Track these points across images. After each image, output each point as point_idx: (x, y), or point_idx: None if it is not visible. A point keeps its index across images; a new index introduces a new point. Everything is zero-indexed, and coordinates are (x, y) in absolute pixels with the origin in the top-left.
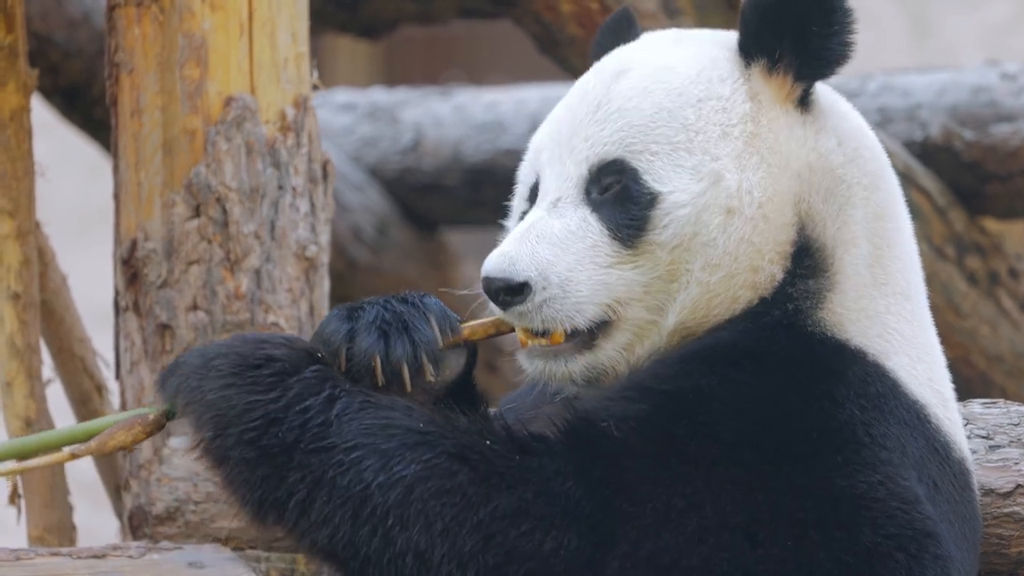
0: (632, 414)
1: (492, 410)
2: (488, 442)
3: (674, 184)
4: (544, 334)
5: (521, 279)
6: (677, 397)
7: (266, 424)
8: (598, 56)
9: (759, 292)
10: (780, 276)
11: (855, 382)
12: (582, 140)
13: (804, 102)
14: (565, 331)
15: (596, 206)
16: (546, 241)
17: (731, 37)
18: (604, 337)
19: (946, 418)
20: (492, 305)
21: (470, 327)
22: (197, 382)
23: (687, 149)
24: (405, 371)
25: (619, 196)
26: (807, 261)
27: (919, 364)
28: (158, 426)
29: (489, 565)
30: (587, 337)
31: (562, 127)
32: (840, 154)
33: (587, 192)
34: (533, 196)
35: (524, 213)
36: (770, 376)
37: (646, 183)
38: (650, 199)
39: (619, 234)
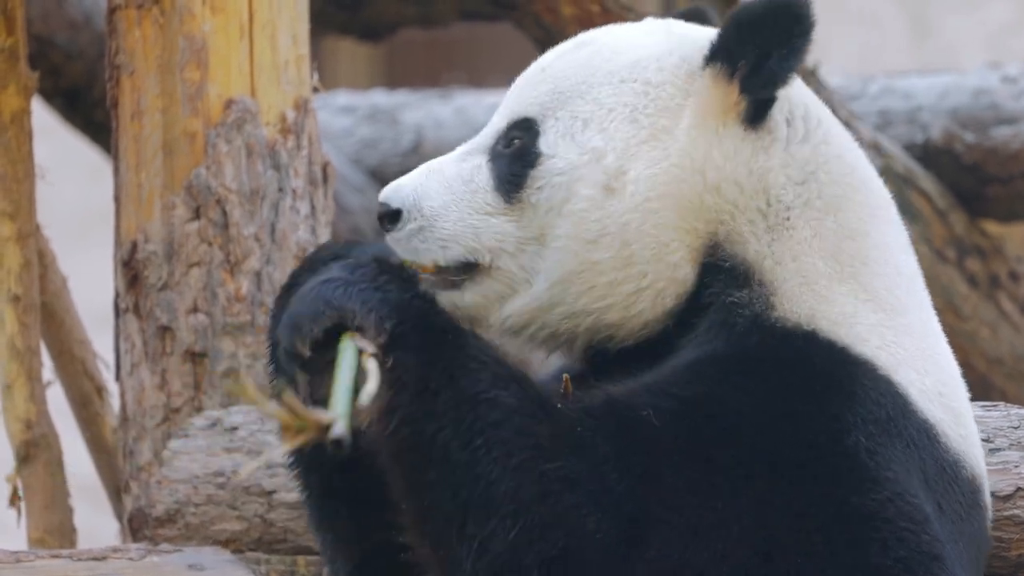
0: (664, 408)
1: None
2: (559, 404)
3: (558, 150)
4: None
5: (396, 205)
6: (698, 403)
7: (427, 312)
8: None
9: (683, 289)
10: (693, 276)
11: (865, 402)
12: (516, 96)
13: (754, 120)
14: (431, 266)
15: (494, 156)
16: (436, 178)
17: (710, 38)
18: (471, 280)
19: (957, 436)
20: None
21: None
22: (361, 286)
23: (585, 122)
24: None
25: (516, 152)
26: (728, 274)
27: (927, 378)
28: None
29: (539, 522)
30: (453, 274)
31: (515, 85)
32: (782, 176)
33: (496, 143)
34: None
35: None
36: (781, 387)
37: (538, 145)
38: (534, 159)
39: (501, 187)
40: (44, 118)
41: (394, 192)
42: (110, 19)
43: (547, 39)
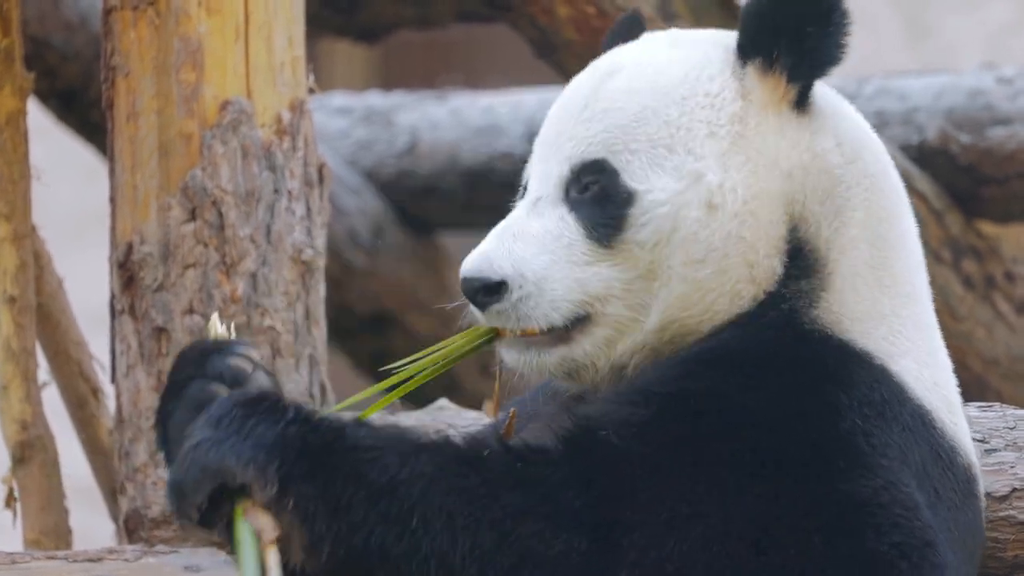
0: (635, 419)
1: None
2: (486, 452)
3: (652, 183)
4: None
5: (498, 277)
6: (681, 400)
7: (304, 435)
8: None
9: (762, 287)
10: (780, 270)
11: (860, 387)
12: (567, 139)
13: (801, 103)
14: (549, 326)
15: (574, 205)
16: (522, 240)
17: (730, 37)
18: (580, 332)
19: (952, 423)
20: (472, 308)
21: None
22: (231, 441)
23: (668, 147)
24: (252, 352)
25: (597, 196)
26: (800, 261)
27: (925, 368)
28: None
29: (506, 567)
30: (563, 332)
31: (551, 127)
32: (839, 155)
33: (567, 191)
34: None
35: None
36: (773, 379)
37: (624, 182)
38: (627, 198)
39: (595, 233)
40: (40, 119)
41: (487, 264)
42: (106, 20)
43: (543, 40)
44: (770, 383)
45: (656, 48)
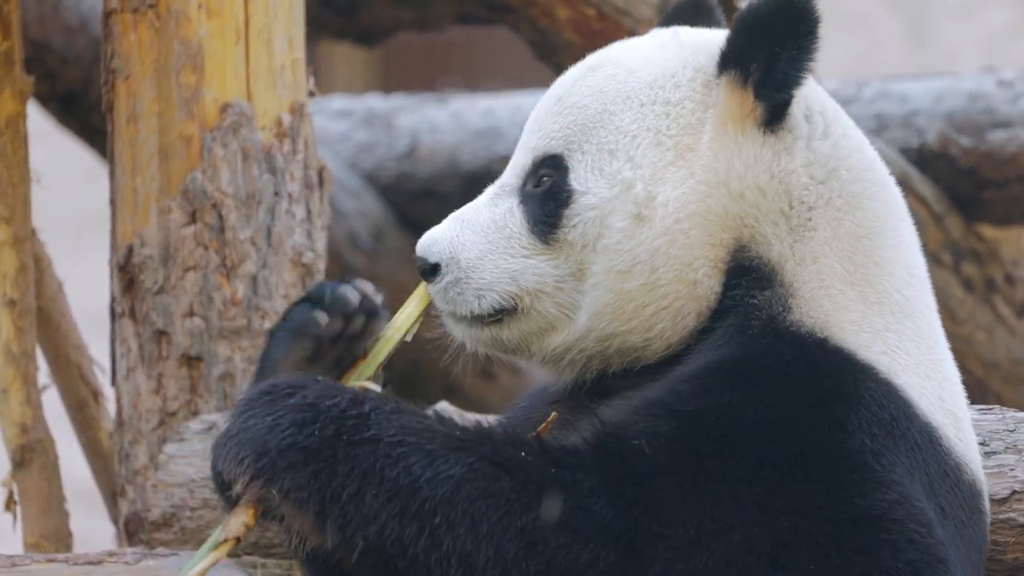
0: (661, 431)
1: (488, 417)
2: (523, 453)
3: (589, 185)
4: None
5: (433, 260)
6: (701, 416)
7: (300, 424)
8: None
9: (705, 304)
10: (718, 289)
11: (870, 406)
12: (537, 131)
13: (772, 122)
14: (470, 312)
15: (525, 198)
16: (469, 227)
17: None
18: (509, 322)
19: (958, 439)
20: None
21: (405, 315)
22: (232, 440)
23: (612, 152)
24: (368, 290)
25: (547, 191)
26: (754, 274)
27: (928, 382)
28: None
29: (531, 574)
30: (489, 320)
31: (533, 115)
32: (805, 175)
33: (524, 183)
34: None
35: None
36: (786, 394)
37: (569, 181)
38: (566, 197)
39: (535, 228)
40: (40, 122)
41: (430, 246)
42: (106, 23)
43: (543, 42)
44: (784, 400)
45: (642, 48)
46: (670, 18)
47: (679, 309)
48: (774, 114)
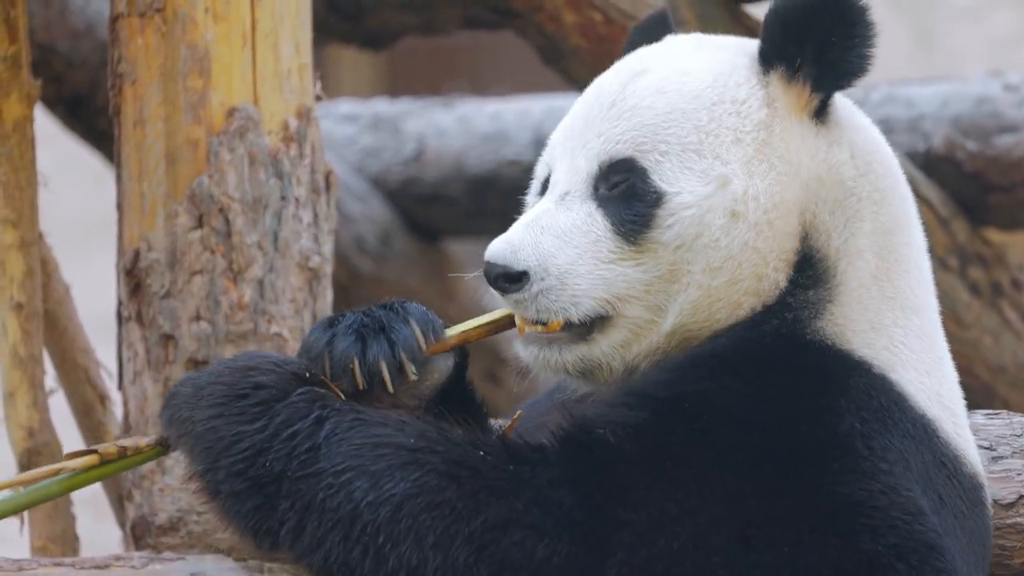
0: (630, 421)
1: (497, 421)
2: (482, 452)
3: (681, 185)
4: (541, 323)
5: (521, 267)
6: (675, 403)
7: (253, 455)
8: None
9: (762, 299)
10: (784, 284)
11: (857, 394)
12: (595, 136)
13: (820, 113)
14: (561, 323)
15: (602, 202)
16: (550, 232)
17: (753, 44)
18: (600, 332)
19: (956, 434)
20: (491, 290)
21: (461, 331)
22: (188, 412)
23: (697, 151)
24: (384, 370)
25: (626, 193)
26: (809, 271)
27: (927, 378)
28: (156, 454)
29: None
30: (583, 330)
31: (577, 122)
32: (852, 167)
33: (595, 188)
34: (544, 189)
35: None
36: (769, 384)
37: (653, 182)
38: (656, 198)
39: (622, 230)
40: (47, 126)
41: (511, 252)
42: (112, 27)
43: (549, 47)
44: (765, 387)
45: (683, 51)
46: (637, 36)
47: (740, 303)
48: (822, 105)
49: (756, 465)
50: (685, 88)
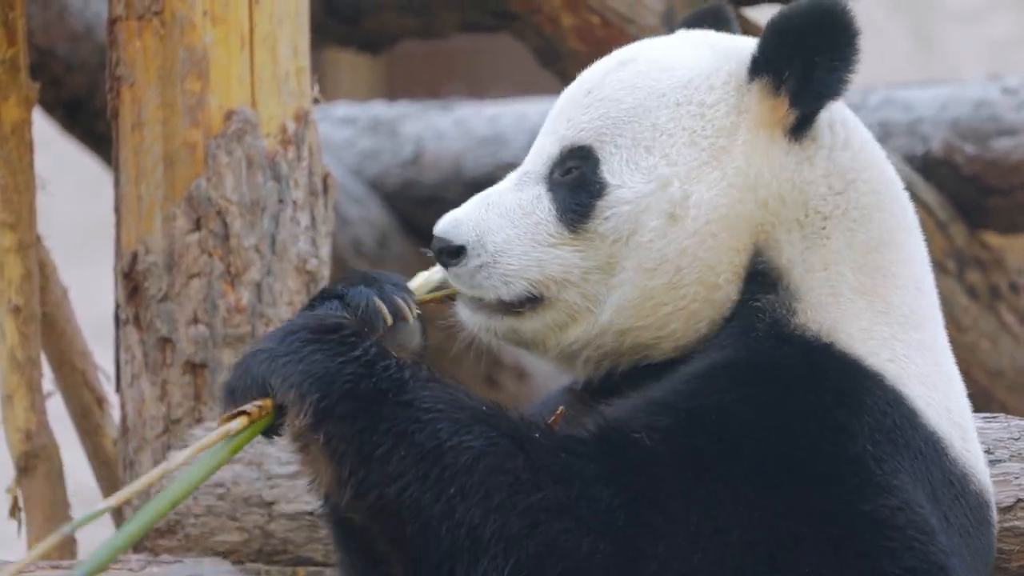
0: (659, 426)
1: None
2: (537, 435)
3: (624, 179)
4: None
5: (459, 242)
6: (700, 415)
7: (359, 377)
8: None
9: (720, 311)
10: (735, 296)
11: (873, 412)
12: (565, 120)
13: (798, 129)
14: (494, 300)
15: (553, 186)
16: (495, 210)
17: (750, 48)
18: (532, 311)
19: (964, 450)
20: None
21: (417, 285)
22: (285, 359)
23: (647, 148)
24: (401, 304)
25: (576, 181)
26: (761, 278)
27: (935, 393)
28: (271, 418)
29: (531, 554)
30: (515, 307)
31: (559, 104)
32: (824, 186)
33: (552, 171)
34: None
35: None
36: (787, 396)
37: (601, 173)
38: (599, 189)
39: (565, 217)
40: (45, 129)
41: (453, 227)
42: (111, 30)
43: (547, 50)
44: (783, 399)
45: (675, 48)
46: (690, 23)
47: (695, 312)
48: (802, 122)
49: (782, 481)
50: (657, 85)
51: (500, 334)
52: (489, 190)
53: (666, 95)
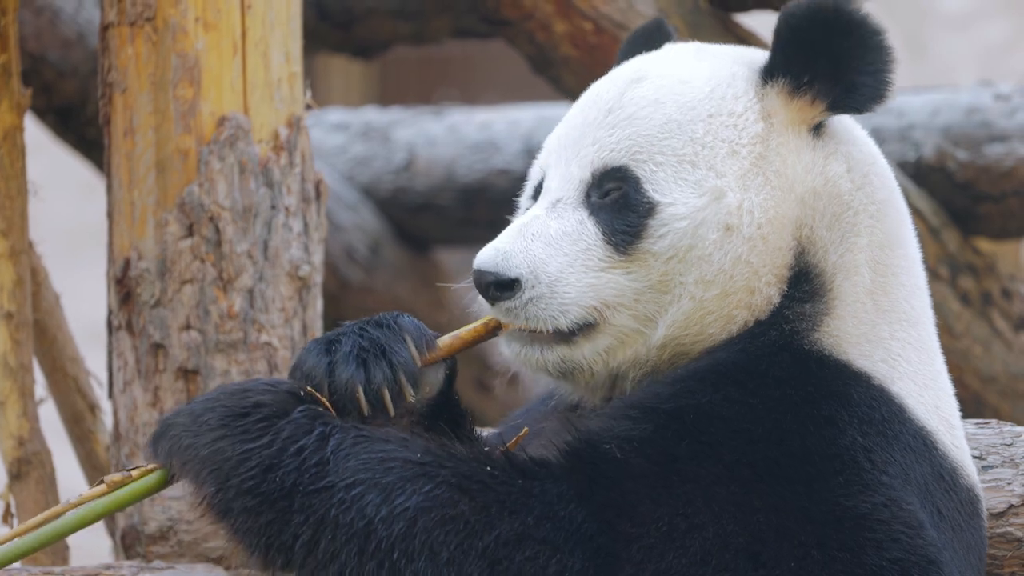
0: (635, 435)
1: (483, 430)
2: (488, 468)
3: (674, 196)
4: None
5: (512, 275)
6: (679, 417)
7: (263, 471)
8: (622, 63)
9: (755, 314)
10: (777, 299)
11: (860, 406)
12: (589, 143)
13: (818, 126)
14: (550, 331)
15: (594, 210)
16: (541, 240)
17: (752, 55)
18: (584, 337)
19: (953, 446)
20: (480, 299)
21: (449, 340)
22: (190, 440)
23: (692, 163)
24: (387, 396)
25: (618, 202)
26: (805, 286)
27: (926, 391)
28: (160, 485)
29: None
30: (568, 334)
31: (572, 128)
32: (848, 181)
33: (587, 195)
34: (537, 193)
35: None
36: (772, 397)
37: (646, 192)
38: (648, 208)
39: (613, 239)
40: (37, 135)
41: (503, 260)
42: (103, 37)
43: (540, 56)
44: (768, 399)
45: (681, 60)
46: (635, 40)
47: (733, 316)
48: (820, 120)
49: (762, 478)
50: (682, 99)
51: (550, 366)
52: (525, 219)
53: (695, 108)
